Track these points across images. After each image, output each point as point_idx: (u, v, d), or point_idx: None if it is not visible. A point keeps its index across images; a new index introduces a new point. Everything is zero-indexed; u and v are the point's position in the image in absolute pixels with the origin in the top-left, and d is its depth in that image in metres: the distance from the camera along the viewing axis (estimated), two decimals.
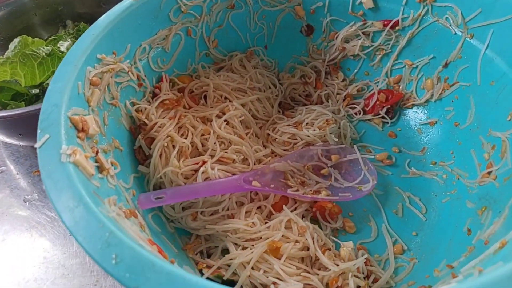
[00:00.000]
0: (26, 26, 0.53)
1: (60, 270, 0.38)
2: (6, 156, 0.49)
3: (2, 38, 0.52)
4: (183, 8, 0.41)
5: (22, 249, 0.39)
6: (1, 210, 0.43)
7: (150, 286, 0.19)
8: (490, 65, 0.37)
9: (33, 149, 0.49)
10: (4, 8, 0.51)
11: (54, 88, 0.30)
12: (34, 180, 0.45)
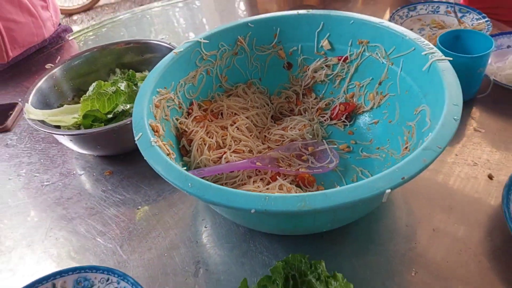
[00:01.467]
0: (91, 72, 0.76)
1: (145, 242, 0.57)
2: (81, 164, 0.69)
3: (74, 80, 0.75)
4: (204, 57, 0.63)
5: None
6: (95, 208, 0.62)
7: (209, 195, 0.39)
8: (403, 81, 0.58)
9: (102, 157, 0.69)
10: (80, 57, 0.74)
11: (137, 109, 0.51)
12: (107, 177, 0.65)
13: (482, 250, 0.48)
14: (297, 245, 0.51)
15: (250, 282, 0.47)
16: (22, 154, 0.73)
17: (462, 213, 0.52)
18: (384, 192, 0.37)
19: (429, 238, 0.50)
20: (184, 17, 1.18)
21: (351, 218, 0.48)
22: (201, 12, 1.20)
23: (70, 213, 0.60)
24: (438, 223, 0.51)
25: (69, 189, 0.64)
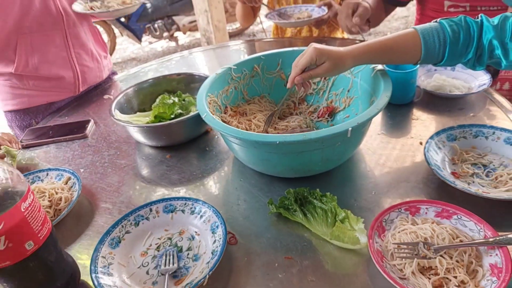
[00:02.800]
0: (153, 92, 1.09)
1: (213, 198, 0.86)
2: (147, 153, 0.99)
3: (140, 96, 1.07)
4: (233, 77, 0.97)
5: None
6: (164, 175, 0.91)
7: (246, 135, 0.70)
8: (362, 86, 0.92)
9: (159, 148, 0.99)
10: (147, 82, 1.08)
11: (199, 104, 0.83)
12: (167, 159, 0.95)
13: (415, 177, 0.78)
14: (301, 184, 0.80)
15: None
16: (102, 149, 1.03)
17: (404, 162, 0.83)
18: (348, 130, 0.68)
19: (381, 175, 0.80)
20: (205, 59, 1.55)
21: (335, 159, 0.79)
22: (222, 56, 1.58)
23: (149, 178, 0.89)
24: (390, 168, 0.82)
25: (143, 166, 0.94)
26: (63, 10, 1.20)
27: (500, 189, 0.71)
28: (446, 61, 0.78)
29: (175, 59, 1.56)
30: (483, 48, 0.76)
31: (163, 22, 3.27)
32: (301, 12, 1.47)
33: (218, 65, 1.50)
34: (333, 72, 0.79)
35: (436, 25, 0.77)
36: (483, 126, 0.83)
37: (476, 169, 0.78)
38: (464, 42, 0.76)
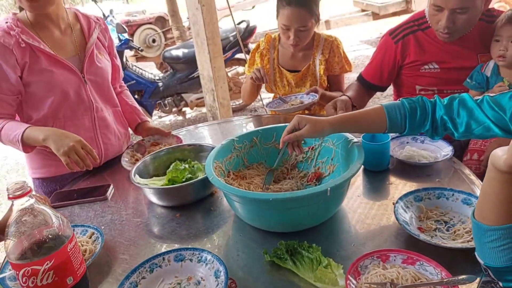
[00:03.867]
0: (166, 160, 1.27)
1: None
2: (159, 212, 1.14)
3: (156, 164, 1.25)
4: (236, 147, 1.16)
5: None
6: (174, 231, 1.05)
7: (242, 194, 0.86)
8: (342, 155, 1.10)
9: (170, 208, 1.14)
10: (162, 151, 1.27)
11: (207, 169, 1.00)
12: (180, 220, 1.09)
13: (388, 232, 0.92)
14: (292, 238, 0.94)
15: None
16: (120, 209, 1.18)
17: (380, 219, 0.98)
18: (327, 189, 0.85)
19: (360, 230, 0.95)
20: (210, 133, 1.77)
21: (320, 215, 0.94)
22: (227, 130, 1.80)
23: (161, 233, 1.03)
24: (367, 224, 0.97)
25: (156, 224, 1.09)
26: (93, 98, 1.42)
27: (457, 241, 0.85)
28: (408, 131, 0.98)
29: (182, 133, 1.77)
30: (437, 121, 0.96)
31: (172, 98, 3.60)
32: (295, 100, 1.73)
33: (222, 137, 1.71)
34: (313, 133, 0.99)
35: (398, 102, 0.99)
36: (444, 189, 1.00)
37: (438, 225, 0.92)
38: (420, 116, 0.96)
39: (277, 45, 1.88)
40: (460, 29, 1.44)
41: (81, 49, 1.40)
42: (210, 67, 2.47)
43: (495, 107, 0.88)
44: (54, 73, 1.31)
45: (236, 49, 3.53)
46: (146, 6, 10.69)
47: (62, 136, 1.21)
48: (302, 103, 1.65)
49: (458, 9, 1.37)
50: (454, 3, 1.36)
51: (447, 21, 1.40)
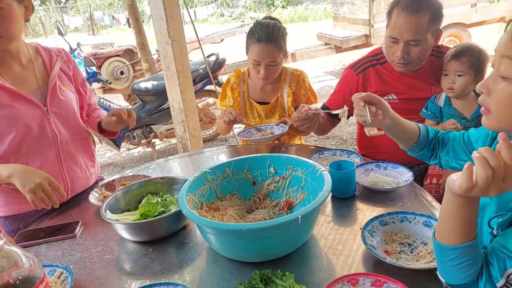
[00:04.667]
0: (138, 194, 1.26)
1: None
2: (131, 248, 1.12)
3: (127, 198, 1.24)
4: (209, 179, 1.18)
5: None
6: (147, 267, 1.04)
7: (214, 225, 0.88)
8: (311, 184, 1.15)
9: (142, 243, 1.13)
10: (134, 185, 1.26)
11: (181, 202, 1.01)
12: (153, 255, 1.08)
13: (357, 256, 0.96)
14: (265, 267, 0.95)
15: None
16: (90, 247, 1.15)
17: (349, 244, 1.02)
18: (298, 217, 0.88)
19: (331, 256, 0.98)
20: (181, 165, 1.78)
21: (292, 243, 0.96)
22: (192, 163, 1.81)
23: (133, 270, 1.02)
24: (337, 250, 1.00)
25: (128, 260, 1.07)
26: (57, 131, 1.40)
27: (420, 262, 0.91)
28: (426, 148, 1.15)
29: (152, 167, 1.76)
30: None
31: (141, 130, 3.58)
32: (265, 130, 1.79)
33: (193, 169, 1.72)
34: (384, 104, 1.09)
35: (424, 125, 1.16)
36: (406, 213, 1.06)
37: (403, 247, 0.98)
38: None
39: (247, 79, 1.95)
40: (414, 60, 1.57)
41: (43, 83, 1.40)
42: (180, 99, 2.51)
43: None
44: (15, 108, 1.29)
45: (206, 81, 3.60)
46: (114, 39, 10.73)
47: (27, 173, 1.18)
48: (273, 134, 1.71)
49: (412, 41, 1.51)
50: (408, 35, 1.50)
51: (402, 52, 1.53)
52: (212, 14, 16.20)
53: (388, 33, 1.58)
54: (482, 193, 0.65)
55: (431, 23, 1.49)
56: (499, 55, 0.73)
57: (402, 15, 1.49)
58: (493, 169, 0.62)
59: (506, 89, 0.72)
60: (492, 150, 0.64)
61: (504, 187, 0.64)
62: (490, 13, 5.98)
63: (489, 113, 0.77)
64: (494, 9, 6.02)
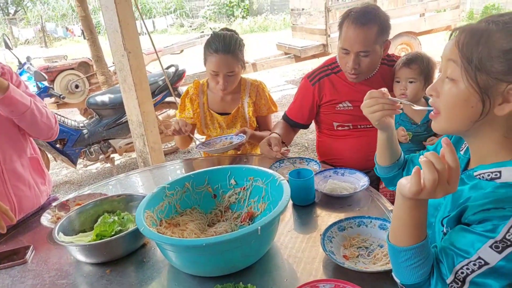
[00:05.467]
0: (93, 213, 1.21)
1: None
2: (87, 270, 1.07)
3: (82, 218, 1.19)
4: (167, 194, 1.16)
5: None
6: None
7: (173, 241, 0.86)
8: (271, 193, 1.16)
9: (99, 265, 1.08)
10: (89, 204, 1.21)
11: (138, 220, 0.98)
12: (111, 276, 1.04)
13: (318, 262, 0.98)
14: (227, 280, 0.94)
15: None
16: (43, 272, 1.09)
17: (310, 251, 1.04)
18: (258, 228, 0.88)
19: (293, 264, 0.99)
20: (142, 180, 1.73)
21: (253, 254, 0.96)
22: (153, 178, 1.77)
23: None
24: (299, 258, 1.01)
25: (84, 284, 1.02)
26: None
27: (377, 264, 0.94)
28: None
29: (111, 183, 1.70)
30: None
31: (99, 145, 3.45)
32: (224, 141, 1.79)
33: (155, 184, 1.68)
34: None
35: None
36: (363, 217, 1.10)
37: (361, 251, 1.01)
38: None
39: (206, 90, 1.95)
40: (365, 70, 1.64)
41: None
42: (139, 112, 2.45)
43: None
44: None
45: (166, 92, 3.54)
46: (68, 51, 10.32)
47: None
48: (232, 143, 1.71)
49: (362, 52, 1.58)
50: (358, 47, 1.57)
51: (353, 63, 1.60)
52: (171, 25, 16.06)
53: (339, 44, 1.65)
54: (430, 195, 0.68)
55: (379, 35, 1.57)
56: (446, 59, 0.78)
57: (351, 27, 1.56)
58: (439, 172, 0.66)
59: (452, 90, 0.77)
60: (437, 154, 0.68)
61: (449, 188, 0.68)
62: (437, 22, 6.39)
63: (438, 115, 0.81)
64: (440, 18, 6.44)
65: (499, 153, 0.77)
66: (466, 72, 0.74)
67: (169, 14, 16.82)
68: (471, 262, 0.70)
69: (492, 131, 0.77)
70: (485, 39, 0.72)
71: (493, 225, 0.69)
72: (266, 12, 15.50)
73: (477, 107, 0.74)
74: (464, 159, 0.88)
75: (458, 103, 0.76)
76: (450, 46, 0.78)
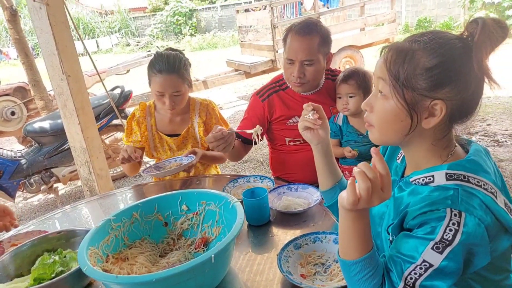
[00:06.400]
0: (31, 254, 1.10)
1: None
2: None
3: (19, 260, 1.07)
4: (113, 227, 1.08)
5: None
6: None
7: (122, 280, 0.80)
8: (224, 216, 1.12)
9: None
10: (26, 244, 1.09)
11: (80, 259, 0.90)
12: None
13: (276, 284, 0.96)
14: None
15: None
16: None
17: (268, 273, 1.01)
18: (211, 257, 0.85)
19: (252, 285, 0.96)
20: (90, 211, 1.61)
21: (208, 283, 0.92)
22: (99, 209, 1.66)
23: None
24: (256, 281, 0.99)
25: None
26: None
27: (334, 280, 0.94)
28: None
29: (56, 216, 1.57)
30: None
31: (40, 175, 3.20)
32: (173, 163, 1.73)
33: (104, 214, 1.58)
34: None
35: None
36: (318, 233, 1.10)
37: (317, 268, 1.00)
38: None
39: (153, 112, 1.89)
40: (310, 79, 1.68)
41: None
42: (82, 138, 2.31)
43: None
44: None
45: (112, 115, 3.39)
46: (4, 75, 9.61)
47: None
48: (181, 165, 1.66)
49: (306, 61, 1.63)
50: (302, 55, 1.62)
51: (298, 72, 1.65)
52: (116, 44, 15.61)
53: (285, 56, 1.70)
54: (367, 204, 0.71)
55: (321, 45, 1.64)
56: (376, 77, 0.82)
57: (295, 38, 1.63)
58: (372, 181, 0.69)
59: (384, 105, 0.81)
60: (368, 164, 0.71)
61: (383, 195, 0.71)
62: (377, 35, 6.80)
63: (373, 128, 0.86)
64: (379, 32, 6.87)
65: (431, 159, 0.82)
66: (394, 89, 0.78)
67: (114, 33, 16.36)
68: (417, 266, 0.72)
69: (422, 141, 0.82)
70: (409, 57, 0.76)
71: (431, 228, 0.72)
72: (214, 30, 15.62)
73: (406, 122, 0.79)
74: (401, 167, 0.92)
75: (389, 117, 0.81)
76: (380, 64, 0.82)
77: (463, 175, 0.75)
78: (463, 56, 0.74)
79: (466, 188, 0.73)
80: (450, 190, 0.74)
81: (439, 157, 0.82)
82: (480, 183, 0.74)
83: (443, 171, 0.77)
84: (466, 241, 0.69)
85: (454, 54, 0.74)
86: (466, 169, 0.76)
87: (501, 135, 3.75)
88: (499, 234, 0.73)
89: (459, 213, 0.70)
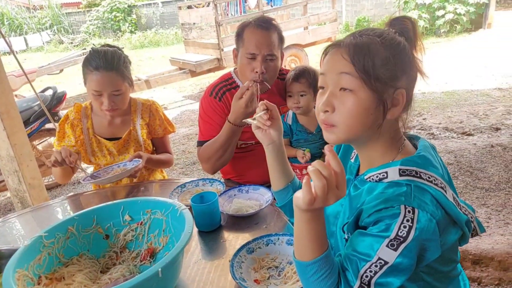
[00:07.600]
0: None
1: None
2: None
3: None
4: (46, 244, 0.97)
5: None
6: None
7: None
8: (172, 224, 1.06)
9: None
10: None
11: (5, 284, 0.79)
12: None
13: None
14: None
15: None
16: None
17: (220, 281, 0.97)
18: (158, 271, 0.78)
19: None
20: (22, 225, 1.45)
21: None
22: None
23: None
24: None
25: None
26: None
27: (288, 283, 0.92)
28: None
29: None
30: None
31: None
32: (117, 169, 1.61)
33: (39, 228, 1.42)
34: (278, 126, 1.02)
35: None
36: (270, 235, 1.07)
37: (271, 271, 0.98)
38: None
39: (90, 114, 1.75)
40: (271, 76, 1.61)
41: None
42: (9, 145, 2.08)
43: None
44: None
45: (44, 118, 3.11)
46: None
47: None
48: (126, 170, 1.55)
49: (269, 56, 1.56)
50: (266, 50, 1.54)
51: (261, 67, 1.55)
52: (48, 42, 14.46)
53: (243, 51, 1.58)
54: (323, 203, 0.70)
55: (279, 42, 1.61)
56: (336, 73, 0.79)
57: (256, 32, 1.55)
58: (327, 179, 0.68)
59: (353, 100, 0.77)
60: (322, 162, 0.70)
61: (339, 193, 0.70)
62: (320, 34, 7.01)
63: (334, 128, 0.81)
64: (322, 31, 7.09)
65: (385, 155, 0.83)
66: (363, 81, 0.76)
67: (44, 30, 15.14)
68: (372, 264, 0.72)
69: (380, 136, 0.82)
70: (369, 50, 0.77)
71: (386, 225, 0.73)
72: (156, 27, 15.08)
73: (375, 114, 0.78)
74: (355, 166, 0.93)
75: (359, 111, 0.78)
76: (337, 61, 0.79)
77: (415, 171, 0.77)
78: (408, 48, 0.80)
79: (418, 184, 0.75)
80: (403, 186, 0.75)
81: (392, 151, 0.83)
82: (431, 178, 0.77)
83: (396, 167, 0.78)
84: (420, 236, 0.71)
85: (405, 47, 0.79)
86: (417, 165, 0.78)
87: (435, 128, 4.05)
88: (448, 228, 0.76)
89: (412, 210, 0.72)
